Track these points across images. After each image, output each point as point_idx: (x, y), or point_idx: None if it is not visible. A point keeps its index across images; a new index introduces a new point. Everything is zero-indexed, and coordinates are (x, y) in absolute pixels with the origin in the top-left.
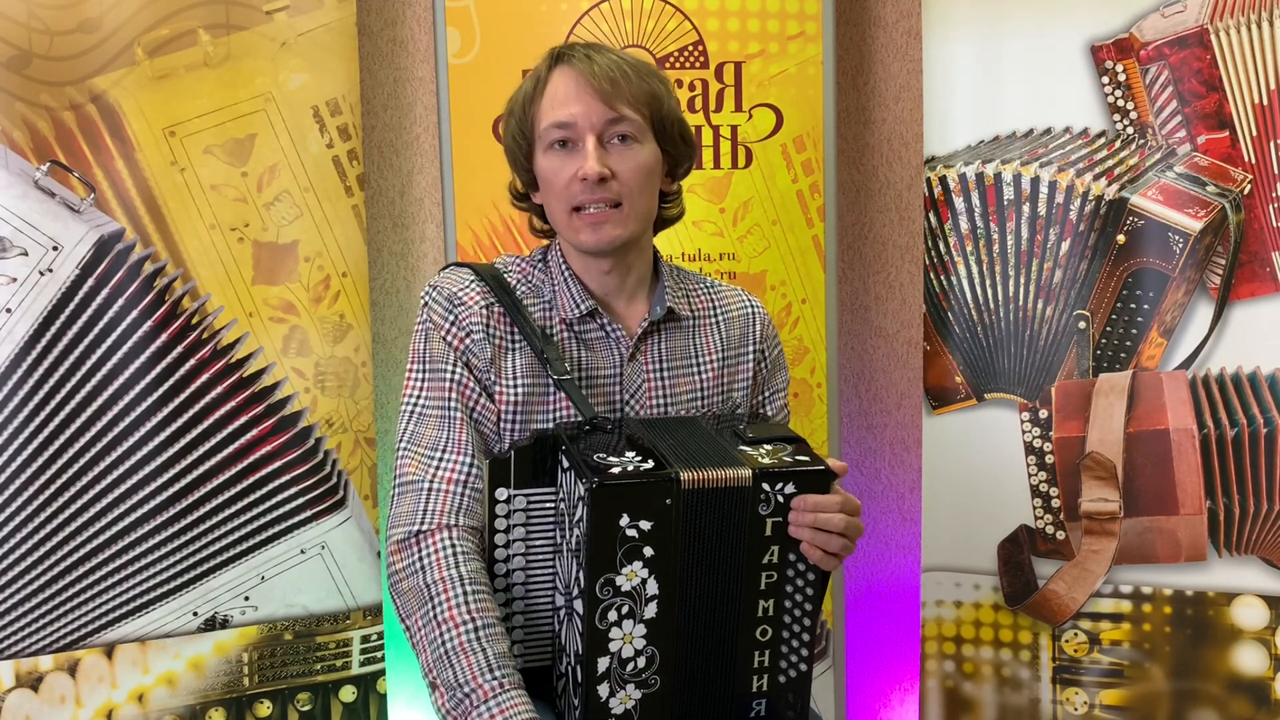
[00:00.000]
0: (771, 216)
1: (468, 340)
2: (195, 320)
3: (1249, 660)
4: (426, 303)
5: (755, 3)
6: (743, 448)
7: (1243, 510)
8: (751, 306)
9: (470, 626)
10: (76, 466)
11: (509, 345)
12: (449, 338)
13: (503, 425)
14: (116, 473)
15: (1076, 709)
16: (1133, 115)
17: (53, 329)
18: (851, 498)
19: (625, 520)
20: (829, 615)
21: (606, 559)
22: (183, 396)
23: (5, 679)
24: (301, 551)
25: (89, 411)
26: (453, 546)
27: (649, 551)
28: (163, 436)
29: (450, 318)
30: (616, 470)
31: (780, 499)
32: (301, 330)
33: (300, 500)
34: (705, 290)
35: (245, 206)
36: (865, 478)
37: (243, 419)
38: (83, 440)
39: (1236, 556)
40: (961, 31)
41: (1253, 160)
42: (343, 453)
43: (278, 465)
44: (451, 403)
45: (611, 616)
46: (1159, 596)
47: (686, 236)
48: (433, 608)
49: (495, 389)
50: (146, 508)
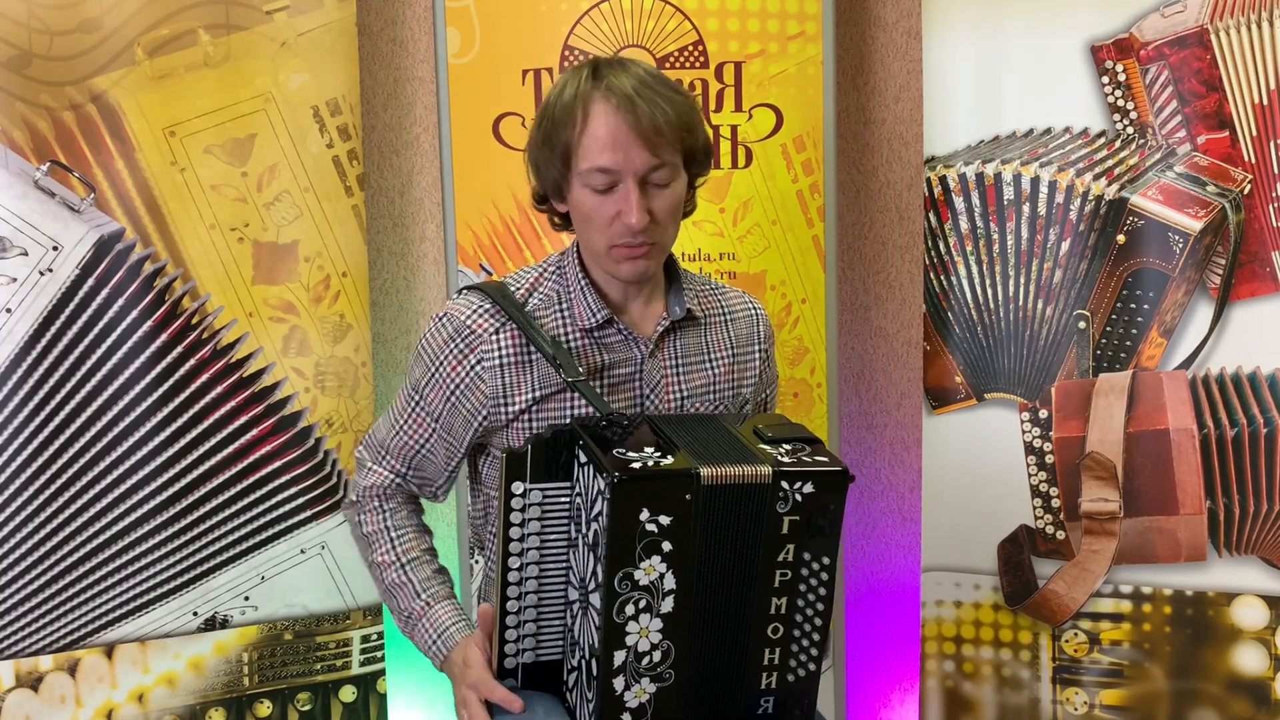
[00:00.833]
0: (771, 216)
1: (475, 371)
2: (195, 320)
3: (1249, 660)
4: (432, 329)
5: (755, 3)
6: (762, 446)
7: (1243, 510)
8: (754, 307)
9: (398, 564)
10: (76, 466)
11: (524, 360)
12: (442, 373)
13: (520, 432)
14: (116, 473)
15: (1076, 709)
16: (1133, 115)
17: (53, 329)
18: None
19: (645, 515)
20: None
21: (625, 553)
22: (183, 396)
23: (5, 679)
24: (301, 551)
25: (89, 411)
26: (382, 506)
27: (667, 546)
28: (163, 436)
29: (449, 350)
30: (637, 465)
31: (799, 498)
32: (301, 330)
33: (300, 500)
34: (712, 291)
35: (245, 206)
36: (865, 478)
37: (243, 419)
38: (83, 440)
39: (1236, 556)
40: (961, 31)
41: (1253, 160)
42: (343, 453)
43: (278, 465)
44: (413, 426)
45: (629, 610)
46: (1159, 596)
47: (686, 237)
48: (371, 554)
49: (504, 410)
50: (146, 508)
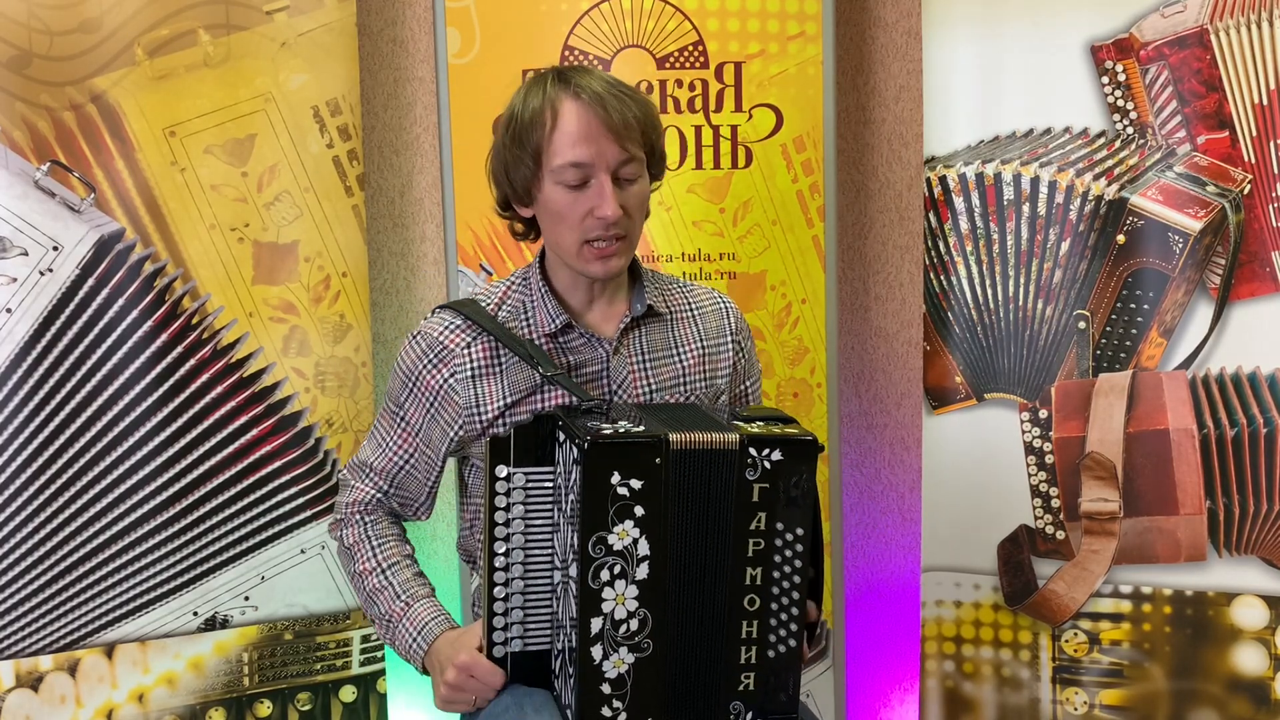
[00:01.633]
0: (771, 216)
1: (449, 383)
2: (195, 320)
3: (1249, 660)
4: (407, 347)
5: (755, 3)
6: (735, 422)
7: (1243, 510)
8: (723, 302)
9: (379, 570)
10: (76, 466)
11: (496, 369)
12: (419, 387)
13: (494, 427)
14: (116, 473)
15: (1076, 709)
16: (1133, 115)
17: (53, 329)
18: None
19: (616, 478)
20: (829, 615)
21: (598, 517)
22: (183, 396)
23: (5, 679)
24: (301, 551)
25: (89, 411)
26: (363, 519)
27: (640, 511)
28: (163, 436)
29: (423, 363)
30: (608, 432)
31: (768, 465)
32: (301, 330)
33: (300, 500)
34: (679, 289)
35: (245, 206)
36: (865, 478)
37: (243, 419)
38: (83, 440)
39: (1236, 556)
40: (961, 32)
41: (1253, 160)
42: (343, 453)
43: (278, 465)
44: (394, 442)
45: (604, 576)
46: (1159, 596)
47: (686, 236)
48: (353, 564)
49: (479, 419)
50: (146, 508)
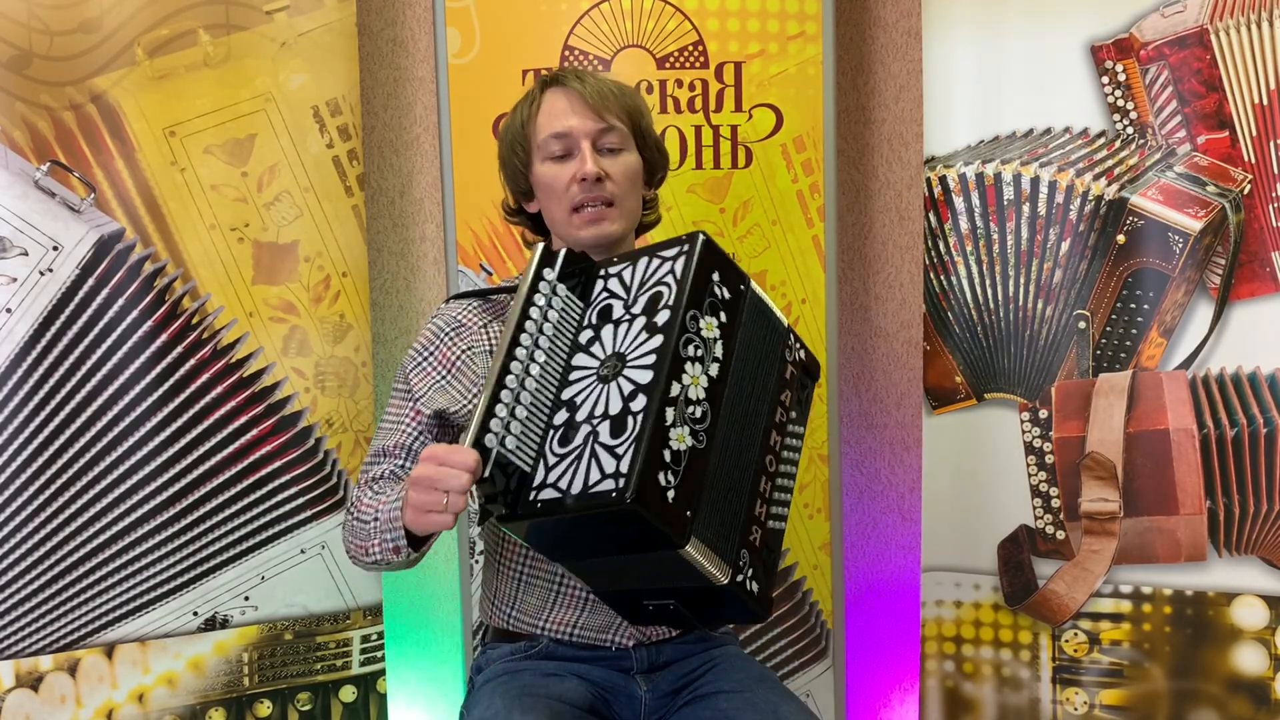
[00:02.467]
0: (771, 216)
1: (466, 353)
2: (195, 320)
3: (1249, 660)
4: (423, 329)
5: (755, 3)
6: None
7: (1243, 510)
8: None
9: (369, 497)
10: (76, 466)
11: None
12: (433, 358)
13: None
14: (116, 473)
15: (1076, 709)
16: (1133, 115)
17: (53, 329)
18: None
19: (716, 278)
20: (829, 615)
21: (698, 298)
22: (183, 396)
23: (5, 679)
24: (301, 551)
25: (89, 411)
26: (370, 487)
27: (724, 316)
28: (163, 436)
29: (440, 337)
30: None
31: (800, 355)
32: (301, 330)
33: (300, 500)
34: None
35: (245, 206)
36: (865, 478)
37: (243, 419)
38: (83, 440)
39: (1236, 556)
40: (961, 31)
41: (1253, 160)
42: (343, 453)
43: (278, 465)
44: (405, 419)
45: (689, 351)
46: (1159, 596)
47: None
48: (357, 518)
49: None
50: (146, 508)
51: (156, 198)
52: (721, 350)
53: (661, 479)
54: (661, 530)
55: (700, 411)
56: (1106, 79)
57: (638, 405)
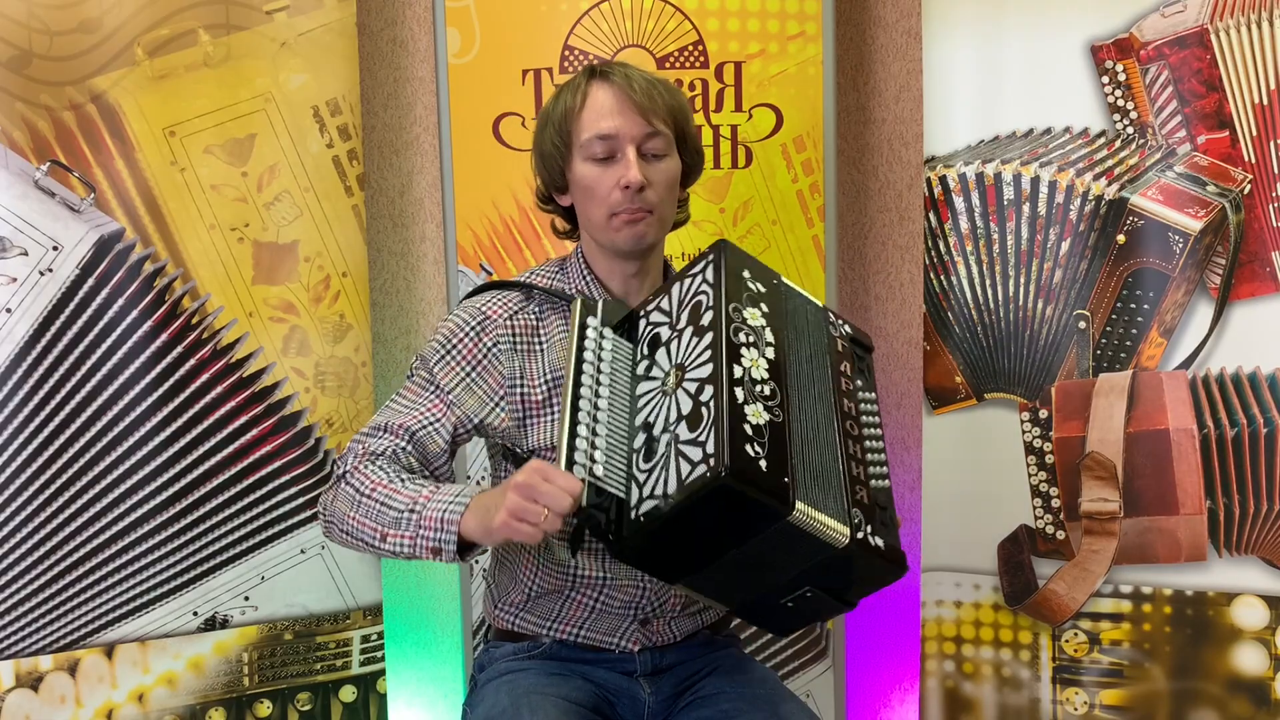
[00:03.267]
0: (771, 216)
1: (493, 351)
2: (195, 320)
3: (1249, 660)
4: (448, 318)
5: (755, 3)
6: None
7: (1243, 510)
8: None
9: (396, 479)
10: (76, 466)
11: (539, 347)
12: (457, 354)
13: (543, 412)
14: (116, 473)
15: (1076, 709)
16: (1133, 115)
17: (53, 329)
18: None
19: (748, 275)
20: None
21: (735, 293)
22: (183, 396)
23: (5, 679)
24: (301, 551)
25: (89, 411)
26: (372, 461)
27: (765, 307)
28: (163, 436)
29: (465, 330)
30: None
31: (846, 331)
32: (301, 330)
33: (300, 500)
34: None
35: (245, 206)
36: None
37: (243, 419)
38: (83, 440)
39: (1236, 556)
40: (961, 31)
41: (1253, 160)
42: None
43: (278, 465)
44: (421, 406)
45: (741, 338)
46: (1159, 596)
47: (687, 236)
48: (358, 491)
49: (518, 394)
50: (146, 508)
51: (156, 198)
52: (772, 335)
53: (750, 450)
54: (765, 503)
55: (769, 389)
56: (1106, 79)
57: (707, 395)
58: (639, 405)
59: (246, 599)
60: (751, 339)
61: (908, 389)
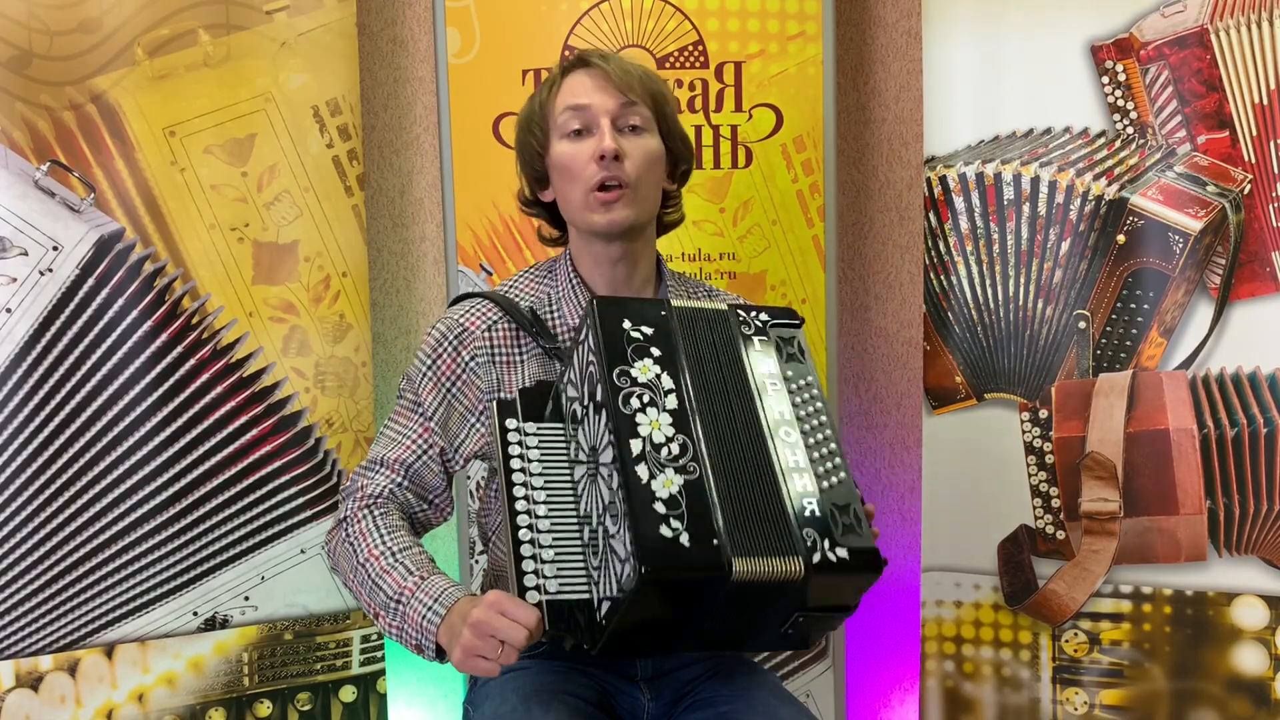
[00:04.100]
0: (771, 216)
1: (470, 366)
2: (195, 320)
3: (1249, 660)
4: (429, 334)
5: (755, 3)
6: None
7: (1243, 510)
8: None
9: (388, 553)
10: (76, 466)
11: (518, 358)
12: (437, 371)
13: None
14: (116, 473)
15: (1076, 709)
16: (1133, 115)
17: (53, 329)
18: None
19: (628, 325)
20: None
21: (618, 354)
22: (183, 396)
23: (5, 679)
24: (301, 551)
25: (89, 411)
26: (371, 513)
27: (656, 352)
28: (163, 436)
29: (443, 346)
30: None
31: (759, 323)
32: (301, 330)
33: (300, 500)
34: (705, 292)
35: (245, 206)
36: (865, 478)
37: (243, 419)
38: (83, 440)
39: (1236, 556)
40: (961, 31)
41: (1253, 160)
42: (343, 453)
43: (278, 465)
44: (410, 435)
45: (634, 404)
46: (1159, 596)
47: (687, 237)
48: (355, 554)
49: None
50: (146, 508)
51: (156, 198)
52: (670, 380)
53: (666, 530)
54: (701, 578)
55: (677, 446)
56: (1106, 79)
57: (616, 482)
58: (580, 491)
59: (246, 599)
60: (646, 398)
61: (908, 389)
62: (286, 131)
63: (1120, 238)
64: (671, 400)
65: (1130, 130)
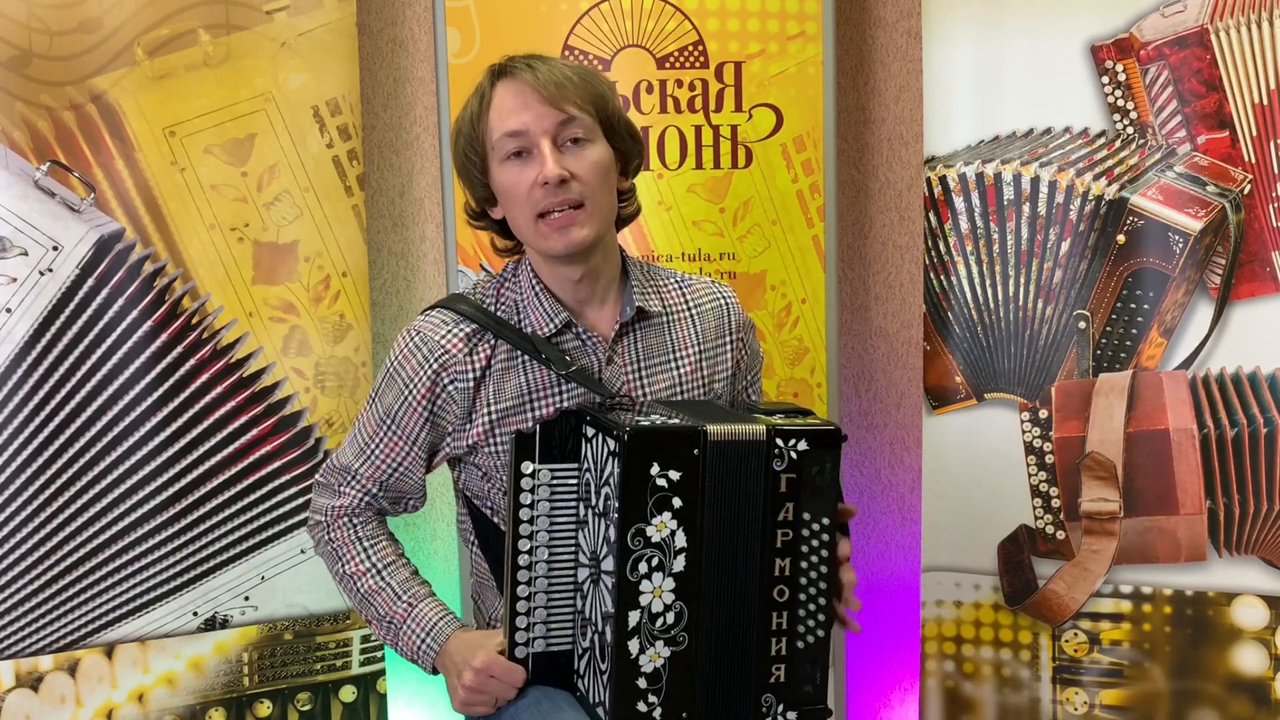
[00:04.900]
0: (771, 216)
1: (449, 390)
2: (195, 320)
3: (1249, 660)
4: (405, 349)
5: (755, 3)
6: (757, 414)
7: (1243, 510)
8: (723, 297)
9: (374, 570)
10: (76, 466)
11: (503, 368)
12: (416, 395)
13: (503, 440)
14: (116, 473)
15: (1076, 709)
16: (1133, 115)
17: (53, 329)
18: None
19: (656, 469)
20: None
21: (637, 509)
22: (183, 396)
23: (5, 679)
24: (301, 551)
25: (89, 411)
26: (351, 521)
27: (677, 503)
28: (163, 436)
29: (422, 372)
30: (646, 424)
31: (794, 455)
32: (301, 330)
33: (300, 500)
34: (676, 285)
35: (245, 206)
36: (865, 478)
37: (243, 419)
38: (83, 440)
39: (1236, 556)
40: (961, 31)
41: (1253, 160)
42: None
43: (278, 465)
44: (382, 450)
45: (642, 569)
46: (1159, 596)
47: (687, 236)
48: (342, 565)
49: (481, 423)
50: (146, 508)
51: (156, 198)
52: (685, 537)
53: (642, 707)
54: None
55: (673, 616)
56: (1106, 79)
57: (610, 636)
58: (580, 549)
59: (246, 599)
60: (655, 562)
61: (908, 389)
62: (286, 131)
63: (1120, 238)
64: (680, 562)
65: (1130, 130)
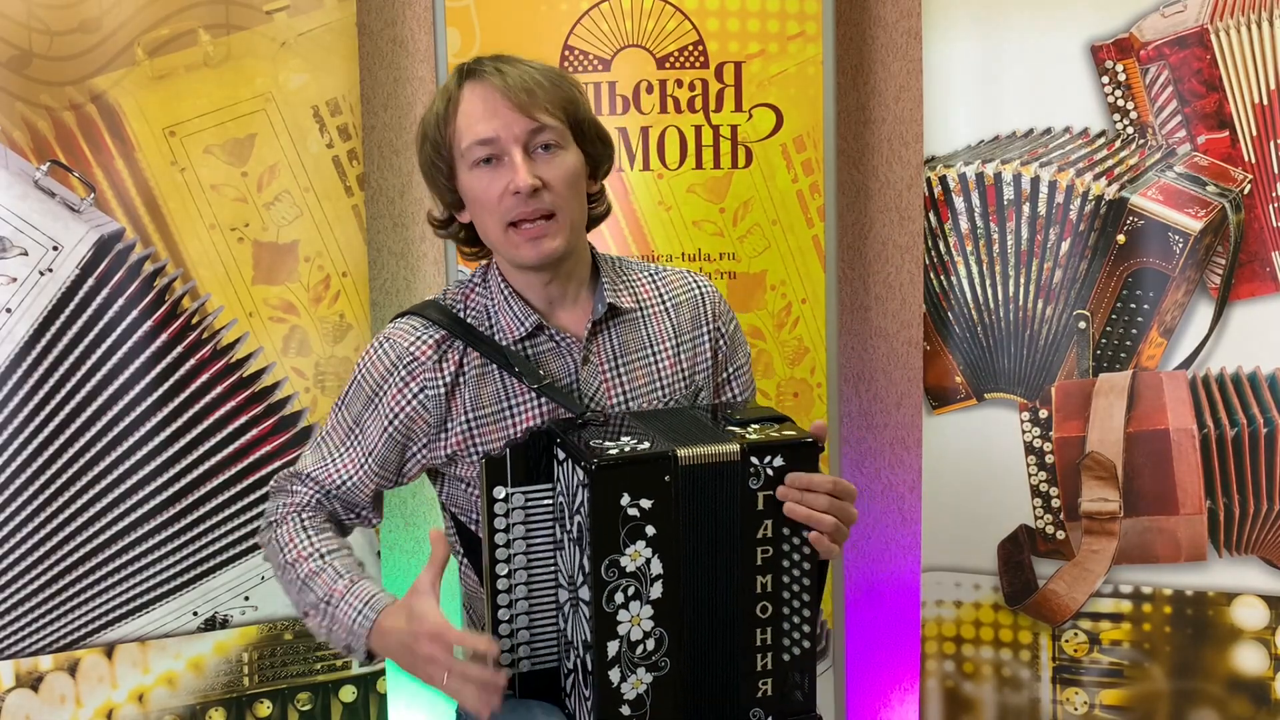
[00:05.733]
0: (771, 216)
1: (419, 398)
2: (195, 320)
3: (1249, 660)
4: (374, 356)
5: (755, 3)
6: (730, 428)
7: (1243, 510)
8: (698, 287)
9: (316, 555)
10: (76, 466)
11: (478, 374)
12: (383, 404)
13: (477, 449)
14: (116, 473)
15: (1076, 709)
16: (1133, 115)
17: (53, 329)
18: (845, 483)
19: (626, 499)
20: (829, 615)
21: (610, 540)
22: (183, 396)
23: (5, 679)
24: None
25: (89, 411)
26: (300, 516)
27: (651, 530)
28: (163, 436)
29: (391, 379)
30: (614, 452)
31: (770, 472)
32: (301, 330)
33: None
34: (649, 278)
35: (245, 206)
36: (865, 478)
37: (243, 419)
38: (83, 440)
39: (1236, 556)
40: (961, 31)
41: (1253, 160)
42: None
43: (278, 465)
44: (342, 459)
45: (618, 599)
46: (1159, 596)
47: (687, 236)
48: (284, 554)
49: (454, 434)
50: (146, 508)
51: (156, 198)
52: (661, 564)
53: None
54: None
55: (653, 642)
56: (1106, 79)
57: (590, 665)
58: (559, 570)
59: (246, 599)
60: (631, 591)
61: (908, 389)
62: (286, 131)
63: (1120, 238)
64: (657, 589)
65: (1130, 130)
